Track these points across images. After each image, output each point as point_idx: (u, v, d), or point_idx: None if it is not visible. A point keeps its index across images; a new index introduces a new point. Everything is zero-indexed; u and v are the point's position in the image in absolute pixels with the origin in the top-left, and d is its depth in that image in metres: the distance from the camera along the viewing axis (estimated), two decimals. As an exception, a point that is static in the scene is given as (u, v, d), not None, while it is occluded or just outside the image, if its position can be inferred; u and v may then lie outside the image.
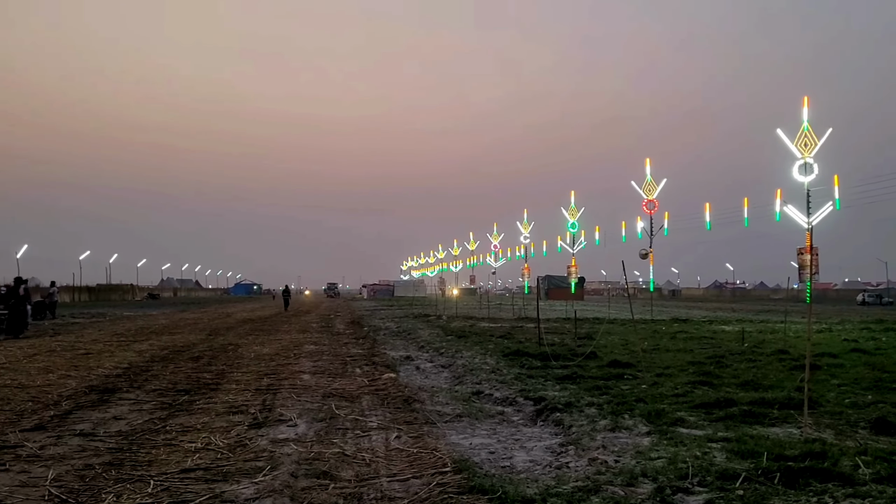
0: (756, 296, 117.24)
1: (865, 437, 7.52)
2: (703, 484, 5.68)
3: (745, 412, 8.70)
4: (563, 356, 15.06)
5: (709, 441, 7.18)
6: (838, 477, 5.70)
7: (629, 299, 18.44)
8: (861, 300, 76.78)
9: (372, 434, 7.93)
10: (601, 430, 7.89)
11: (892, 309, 58.45)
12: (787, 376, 11.88)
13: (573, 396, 10.06)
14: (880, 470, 5.84)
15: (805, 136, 28.19)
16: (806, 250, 26.11)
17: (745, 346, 17.90)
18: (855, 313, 44.65)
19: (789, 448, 6.64)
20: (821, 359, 14.29)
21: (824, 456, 6.30)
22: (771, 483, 5.60)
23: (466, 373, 13.22)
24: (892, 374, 11.98)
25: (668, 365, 13.73)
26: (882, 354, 15.75)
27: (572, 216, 52.47)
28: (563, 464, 6.65)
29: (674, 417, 8.41)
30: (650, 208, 39.20)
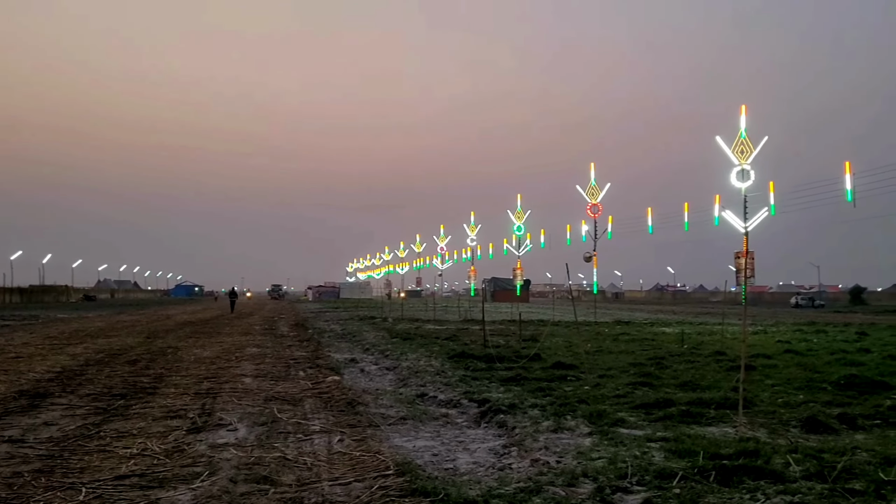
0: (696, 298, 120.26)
1: (797, 435, 7.77)
2: (642, 483, 5.79)
3: (683, 412, 8.89)
4: (507, 358, 15.16)
5: (648, 441, 7.32)
6: (770, 474, 5.87)
7: (573, 302, 18.67)
8: (794, 303, 79.36)
9: (314, 438, 7.84)
10: (544, 431, 7.96)
11: (824, 311, 60.59)
12: (723, 377, 12.19)
13: (517, 398, 10.12)
14: (809, 467, 6.04)
15: (742, 143, 29.09)
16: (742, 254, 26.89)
17: (684, 347, 18.32)
18: (789, 315, 46.15)
19: (724, 447, 6.81)
20: (756, 360, 14.71)
21: (757, 454, 6.49)
22: (706, 481, 5.74)
23: (411, 375, 13.20)
24: (823, 375, 12.41)
25: (610, 366, 13.95)
26: (813, 355, 16.30)
27: (518, 219, 52.97)
28: (506, 465, 6.69)
29: (615, 418, 8.55)
30: (594, 212, 39.89)
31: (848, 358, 15.47)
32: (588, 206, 40.00)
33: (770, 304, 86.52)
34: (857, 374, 12.01)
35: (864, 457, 6.43)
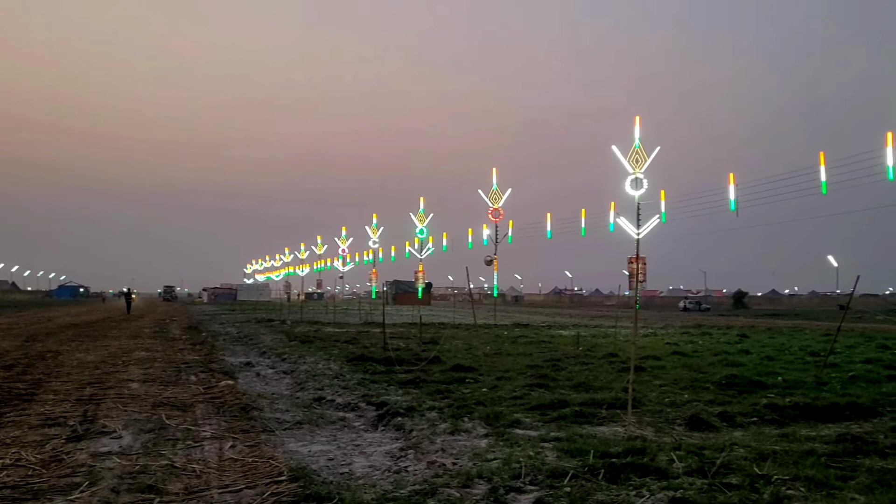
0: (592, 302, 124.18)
1: (681, 433, 8.12)
2: (535, 483, 5.89)
3: (576, 413, 9.13)
4: (407, 361, 15.15)
5: (542, 441, 7.47)
6: (655, 471, 6.11)
7: (472, 305, 18.86)
8: (683, 306, 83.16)
9: (205, 444, 7.57)
10: (441, 433, 7.99)
11: (709, 314, 63.76)
12: (615, 378, 12.60)
13: (415, 401, 10.13)
14: (691, 463, 6.32)
15: (636, 153, 30.22)
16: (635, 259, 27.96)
17: (579, 349, 18.83)
18: (677, 318, 48.28)
19: (614, 446, 7.03)
20: (646, 361, 15.30)
21: (644, 452, 6.73)
22: (596, 479, 5.91)
23: (309, 379, 12.98)
24: (706, 375, 13.03)
25: (508, 368, 14.18)
26: (698, 356, 17.11)
27: (421, 222, 53.13)
28: (403, 468, 6.67)
29: (511, 419, 8.69)
30: (496, 216, 40.49)
31: (729, 359, 16.32)
32: (490, 211, 40.59)
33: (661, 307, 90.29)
34: (738, 374, 12.68)
35: (741, 452, 6.79)
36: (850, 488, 5.53)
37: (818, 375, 12.97)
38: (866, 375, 13.23)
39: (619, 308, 39.74)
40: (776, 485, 5.65)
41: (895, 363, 15.39)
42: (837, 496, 5.27)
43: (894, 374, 13.52)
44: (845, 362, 15.58)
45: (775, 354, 17.80)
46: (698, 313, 68.60)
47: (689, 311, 73.97)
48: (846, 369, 14.13)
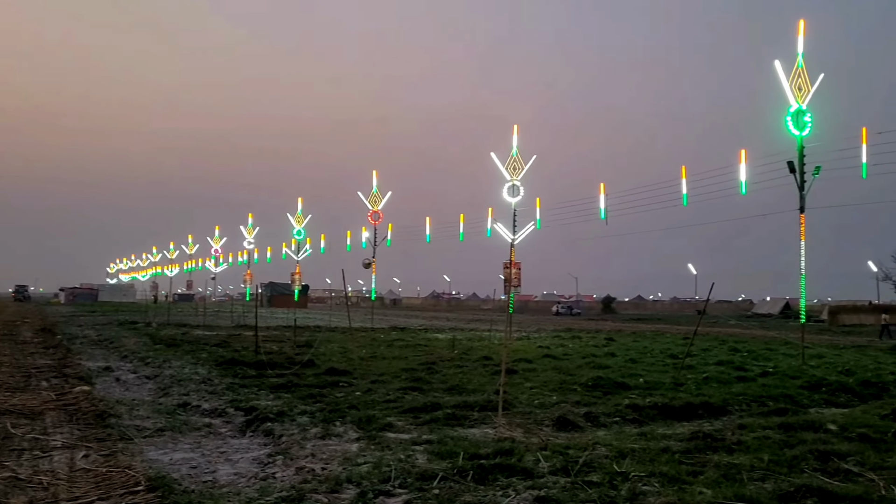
0: (469, 306, 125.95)
1: (549, 433, 8.37)
2: (404, 486, 5.89)
3: (449, 415, 9.22)
4: (280, 364, 14.81)
5: (413, 444, 7.48)
6: (522, 471, 6.25)
7: (347, 308, 18.69)
8: (556, 311, 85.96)
9: (54, 454, 7.06)
10: (312, 438, 7.85)
11: (580, 319, 66.29)
12: (488, 380, 12.83)
13: (287, 405, 9.90)
14: (556, 463, 6.52)
15: (514, 160, 31.00)
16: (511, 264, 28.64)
17: (455, 353, 19.05)
18: (550, 323, 49.92)
19: (483, 447, 7.14)
20: (518, 364, 15.68)
21: (512, 453, 6.88)
22: (464, 481, 5.97)
23: (174, 384, 12.41)
24: (574, 377, 13.50)
25: (383, 372, 14.13)
26: (568, 359, 17.72)
27: (299, 223, 52.10)
28: (270, 474, 6.49)
29: (384, 423, 8.65)
30: (375, 219, 40.34)
31: (597, 362, 17.02)
32: (369, 213, 40.41)
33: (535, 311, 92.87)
34: (603, 376, 13.23)
35: (603, 451, 7.07)
36: (699, 483, 5.87)
37: (676, 377, 13.73)
38: (718, 376, 14.13)
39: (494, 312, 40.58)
40: (633, 481, 5.91)
41: (744, 365, 16.53)
42: (687, 490, 5.58)
43: (743, 375, 14.51)
44: (700, 364, 16.59)
45: (638, 357, 18.70)
46: (570, 318, 71.11)
47: (562, 316, 76.53)
48: (701, 371, 15.04)
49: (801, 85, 19.12)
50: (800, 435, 8.01)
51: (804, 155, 19.09)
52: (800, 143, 19.09)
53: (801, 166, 18.98)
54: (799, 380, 13.53)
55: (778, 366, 16.47)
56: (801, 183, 18.94)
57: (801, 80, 19.13)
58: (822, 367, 16.13)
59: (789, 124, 19.18)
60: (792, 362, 17.29)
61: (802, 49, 19.15)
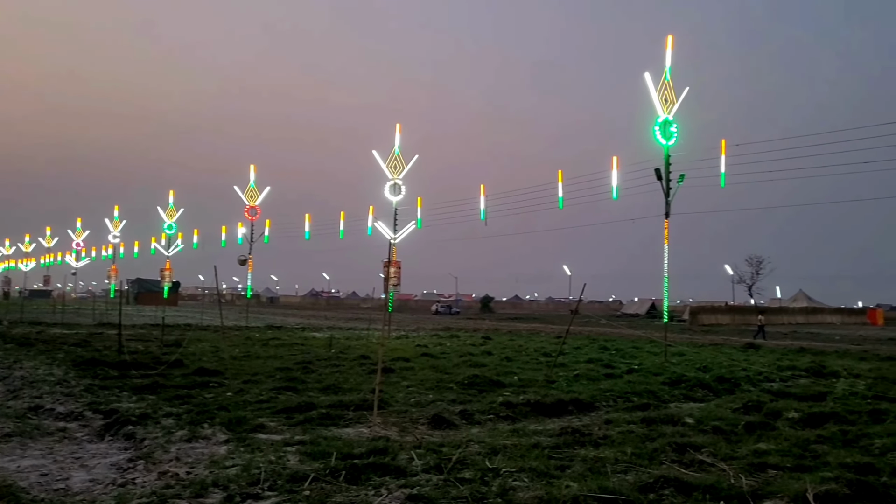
0: (348, 304, 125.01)
1: (424, 432, 8.39)
2: (274, 488, 5.72)
3: (323, 415, 9.07)
4: (145, 365, 14.09)
5: (285, 445, 7.30)
6: (396, 470, 6.23)
7: (220, 306, 18.07)
8: (435, 310, 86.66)
9: None
10: (177, 441, 7.50)
11: (459, 318, 67.16)
12: (365, 380, 12.73)
13: (151, 407, 9.42)
14: (430, 461, 6.54)
15: (395, 159, 31.01)
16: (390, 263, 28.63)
17: (332, 352, 18.81)
18: (429, 322, 50.22)
19: (357, 447, 7.06)
20: (396, 363, 15.67)
21: (386, 452, 6.85)
22: (337, 481, 5.88)
23: (25, 386, 11.54)
24: (451, 376, 13.63)
25: (256, 372, 13.74)
26: (445, 358, 17.88)
27: (170, 217, 49.85)
28: (129, 480, 6.14)
29: (255, 424, 8.39)
30: (252, 215, 39.21)
31: (473, 360, 17.26)
32: (246, 209, 39.22)
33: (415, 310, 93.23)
34: (479, 374, 13.43)
35: (476, 448, 7.16)
36: (566, 477, 6.05)
37: (548, 374, 14.15)
38: (588, 374, 14.68)
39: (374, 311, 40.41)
40: (504, 477, 6.02)
41: (612, 363, 17.26)
42: (555, 484, 5.73)
43: (611, 372, 15.15)
44: (572, 362, 17.18)
45: (514, 355, 19.13)
46: (449, 317, 71.90)
47: (441, 315, 77.25)
48: (572, 368, 15.57)
49: (668, 97, 20.21)
50: (660, 428, 8.43)
51: (670, 163, 20.18)
52: (666, 152, 20.17)
53: (667, 174, 20.05)
54: (661, 376, 14.27)
55: (643, 363, 17.31)
56: (666, 189, 20.00)
57: (667, 93, 20.22)
58: (682, 364, 17.08)
59: (657, 134, 20.22)
60: (655, 360, 18.21)
61: (670, 63, 20.25)
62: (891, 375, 15.25)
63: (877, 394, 12.10)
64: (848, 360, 20.32)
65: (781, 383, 14.31)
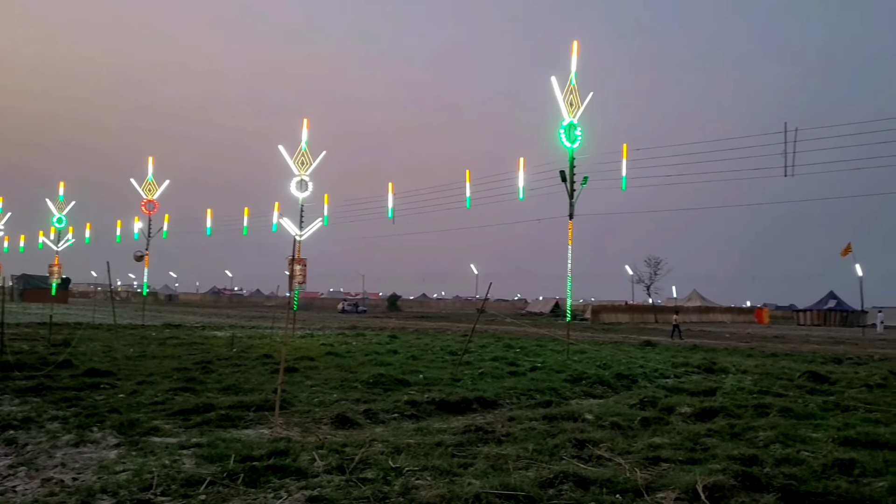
0: (252, 302, 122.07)
1: (327, 432, 8.27)
2: (168, 493, 5.50)
3: (223, 416, 8.80)
4: (30, 365, 13.30)
5: (181, 448, 7.03)
6: (297, 471, 6.10)
7: (112, 303, 17.29)
8: (341, 308, 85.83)
9: None
10: (63, 446, 7.11)
11: (366, 316, 66.79)
12: (267, 379, 12.44)
13: (35, 410, 8.89)
14: (332, 461, 6.44)
15: (303, 155, 30.49)
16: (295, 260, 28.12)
17: (233, 351, 18.31)
18: (335, 320, 49.71)
19: (258, 448, 6.87)
20: (300, 362, 15.40)
21: (287, 453, 6.70)
22: (234, 484, 5.70)
23: None
24: (356, 374, 13.51)
25: (152, 372, 13.20)
26: (350, 357, 17.71)
27: (60, 210, 47.27)
28: (10, 488, 5.76)
29: (149, 427, 8.05)
30: (150, 209, 37.67)
31: (379, 359, 17.18)
32: (143, 202, 37.63)
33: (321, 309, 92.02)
34: (385, 373, 13.37)
35: (380, 447, 7.10)
36: (469, 474, 6.08)
37: (454, 373, 14.25)
38: (493, 372, 14.87)
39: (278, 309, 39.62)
40: (407, 476, 6.00)
41: (517, 361, 17.55)
42: (457, 482, 5.75)
43: (515, 370, 15.40)
44: (477, 360, 17.37)
45: (420, 354, 19.16)
46: (355, 315, 71.37)
47: (347, 313, 76.58)
48: (477, 367, 15.74)
49: (573, 101, 20.73)
50: (561, 425, 8.62)
51: (574, 166, 20.71)
52: (571, 155, 20.68)
53: (571, 176, 20.56)
54: (563, 374, 14.62)
55: (546, 361, 17.69)
56: (570, 191, 20.51)
57: (573, 97, 20.73)
58: (583, 362, 17.56)
59: (562, 136, 20.70)
60: (558, 357, 18.64)
61: (576, 68, 20.77)
62: (774, 371, 16.16)
63: (761, 389, 12.78)
64: (736, 356, 21.43)
65: (676, 379, 14.93)
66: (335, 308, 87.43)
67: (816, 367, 17.40)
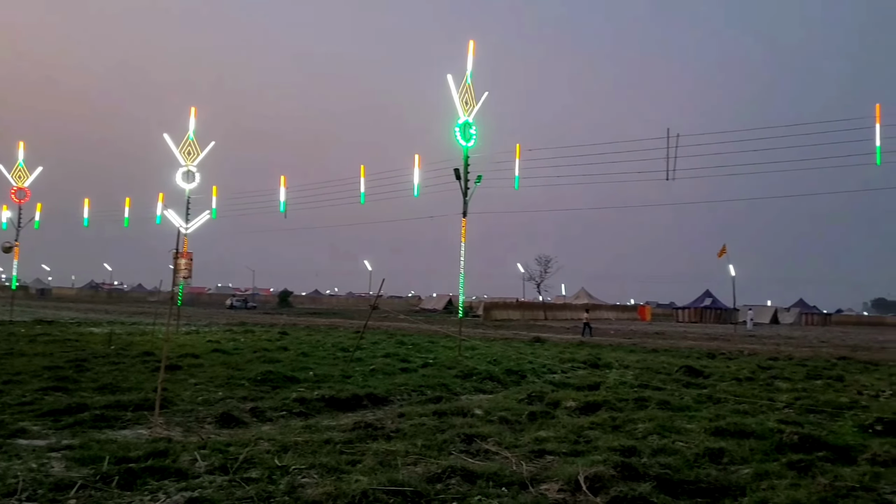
0: (133, 297, 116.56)
1: (210, 431, 8.00)
2: (34, 498, 5.16)
3: (98, 417, 8.36)
4: None
5: (50, 451, 6.63)
6: (177, 472, 5.86)
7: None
8: (230, 304, 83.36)
9: None
10: (-86, 451, 6.53)
11: (256, 312, 65.11)
12: (148, 378, 11.92)
13: None
14: (215, 461, 6.23)
15: (189, 144, 29.40)
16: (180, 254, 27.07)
17: (111, 348, 17.43)
18: (223, 316, 48.23)
19: (135, 449, 6.55)
20: (184, 359, 14.83)
21: (167, 453, 6.43)
22: (108, 487, 5.41)
23: None
24: (244, 372, 13.14)
25: (19, 371, 12.37)
26: (238, 354, 17.21)
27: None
28: None
29: (14, 428, 7.54)
30: (20, 197, 35.22)
31: (268, 356, 16.78)
32: (13, 190, 35.15)
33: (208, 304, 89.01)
34: (273, 370, 13.07)
35: (266, 446, 6.93)
36: (356, 471, 6.02)
37: (345, 369, 14.11)
38: (385, 368, 14.83)
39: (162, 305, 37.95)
40: (293, 474, 5.88)
41: (409, 357, 17.57)
42: (344, 479, 5.68)
43: (407, 366, 15.42)
44: (369, 357, 17.26)
45: (310, 351, 18.87)
46: (245, 311, 69.48)
47: (237, 309, 74.45)
48: (369, 363, 15.65)
49: (469, 100, 20.94)
50: (451, 420, 8.69)
51: (469, 164, 20.93)
52: (465, 153, 20.88)
53: (465, 174, 20.75)
54: (454, 370, 14.76)
55: (438, 357, 17.81)
56: (464, 189, 20.71)
57: (468, 96, 20.94)
58: (474, 358, 17.80)
59: (457, 135, 20.88)
60: (450, 354, 18.81)
61: (471, 67, 20.97)
62: (654, 366, 16.93)
63: (642, 383, 13.35)
64: (620, 352, 22.32)
65: (563, 374, 15.37)
66: (224, 304, 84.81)
67: (692, 361, 18.36)
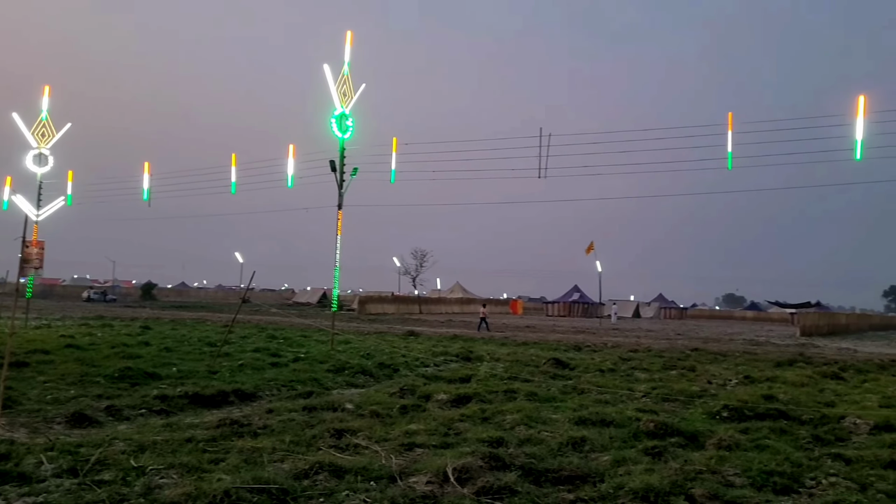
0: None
1: (60, 431, 7.49)
2: None
3: (-72, 419, 7.62)
4: None
5: None
6: (20, 476, 5.45)
7: None
8: (87, 297, 78.37)
9: None
10: None
11: (116, 306, 61.63)
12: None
13: None
14: (64, 463, 5.83)
15: (44, 126, 27.42)
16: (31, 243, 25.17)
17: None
18: (79, 309, 45.30)
19: (-30, 454, 6.02)
20: (32, 356, 13.82)
21: (9, 457, 5.96)
22: (-64, 497, 4.94)
23: None
24: (100, 369, 12.38)
25: None
26: (95, 350, 16.20)
27: None
28: None
29: None
30: None
31: (128, 351, 15.90)
32: None
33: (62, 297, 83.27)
34: (133, 366, 12.41)
35: (121, 446, 6.55)
36: (219, 470, 5.80)
37: (211, 365, 13.60)
38: (254, 363, 14.42)
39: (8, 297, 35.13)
40: (150, 475, 5.59)
41: (279, 351, 17.18)
42: (206, 478, 5.46)
43: (277, 361, 15.06)
44: (238, 352, 16.73)
45: (175, 346, 18.05)
46: (103, 304, 65.61)
47: (94, 302, 70.07)
48: (237, 358, 15.15)
49: (346, 91, 20.69)
50: (321, 415, 8.57)
51: (345, 156, 20.69)
52: (342, 145, 20.63)
53: (341, 166, 20.51)
54: (327, 364, 14.56)
55: (310, 351, 17.51)
56: (340, 181, 20.47)
57: (346, 87, 20.69)
58: (347, 352, 17.63)
59: (333, 126, 20.59)
60: (322, 348, 18.55)
61: (349, 58, 20.75)
62: (524, 359, 17.41)
63: (512, 375, 13.70)
64: (491, 345, 22.77)
65: (435, 368, 15.52)
66: (80, 296, 79.79)
67: (560, 354, 19.03)
